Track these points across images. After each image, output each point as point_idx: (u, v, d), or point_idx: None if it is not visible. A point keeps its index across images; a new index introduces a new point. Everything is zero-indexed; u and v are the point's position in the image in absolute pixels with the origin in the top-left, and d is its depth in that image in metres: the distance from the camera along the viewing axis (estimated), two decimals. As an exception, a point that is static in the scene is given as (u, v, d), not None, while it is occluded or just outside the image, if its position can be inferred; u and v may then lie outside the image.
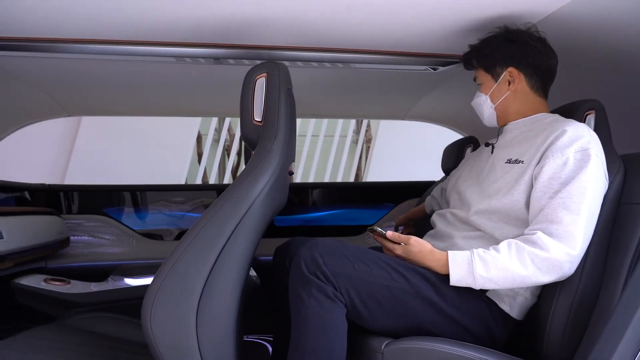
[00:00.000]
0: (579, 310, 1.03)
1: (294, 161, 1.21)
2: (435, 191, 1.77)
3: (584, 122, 1.25)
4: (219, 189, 3.26)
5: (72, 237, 2.08)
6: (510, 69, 1.23)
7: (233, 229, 0.98)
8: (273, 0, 1.11)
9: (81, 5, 1.13)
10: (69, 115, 2.20)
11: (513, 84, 1.23)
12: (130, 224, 2.21)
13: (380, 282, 1.07)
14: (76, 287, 1.57)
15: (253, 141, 1.12)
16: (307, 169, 4.87)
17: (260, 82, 1.11)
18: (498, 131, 1.34)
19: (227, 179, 4.18)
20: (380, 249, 1.27)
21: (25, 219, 1.70)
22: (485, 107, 1.29)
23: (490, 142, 1.35)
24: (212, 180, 4.23)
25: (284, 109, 1.11)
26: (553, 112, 1.31)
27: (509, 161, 1.21)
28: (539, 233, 1.06)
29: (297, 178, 4.76)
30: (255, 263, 2.06)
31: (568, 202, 1.06)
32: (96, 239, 2.14)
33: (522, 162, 1.17)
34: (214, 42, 1.38)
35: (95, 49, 1.38)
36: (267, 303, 1.44)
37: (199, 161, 4.16)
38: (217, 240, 0.96)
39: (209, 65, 1.50)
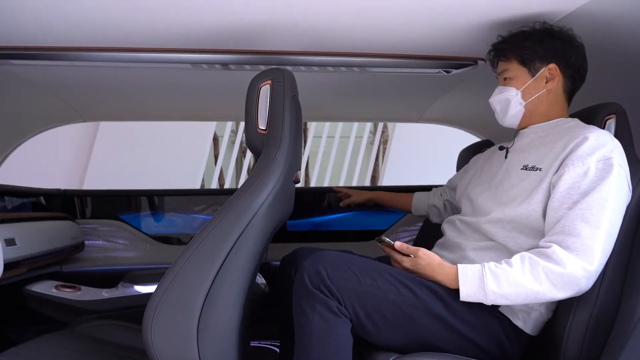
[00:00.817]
0: (597, 326, 0.98)
1: (300, 169, 1.18)
2: (434, 198, 1.71)
3: (604, 127, 1.19)
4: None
5: (87, 242, 2.10)
6: (552, 65, 1.16)
7: (235, 241, 0.96)
8: (284, 6, 1.10)
9: (95, 15, 1.15)
10: (84, 121, 2.23)
11: (551, 82, 1.17)
12: (144, 228, 2.23)
13: (387, 296, 1.03)
14: (87, 293, 1.57)
15: (257, 149, 1.10)
16: (322, 171, 4.84)
17: (265, 90, 1.09)
18: (514, 134, 1.28)
19: (244, 180, 4.20)
20: (389, 259, 1.24)
21: (38, 224, 1.72)
22: (514, 103, 1.19)
23: (504, 145, 1.29)
24: (229, 181, 4.24)
25: (289, 116, 1.09)
26: (571, 116, 1.26)
27: (525, 167, 1.15)
28: (555, 246, 1.01)
29: (313, 180, 4.74)
30: (266, 268, 2.05)
31: (587, 214, 1.00)
32: (110, 243, 2.16)
33: (540, 169, 1.12)
34: (227, 49, 1.37)
35: (110, 56, 1.39)
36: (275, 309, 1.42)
37: (216, 163, 4.18)
38: (218, 252, 0.95)
39: (224, 71, 1.50)
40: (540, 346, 1.09)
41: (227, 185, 4.17)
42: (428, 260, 1.09)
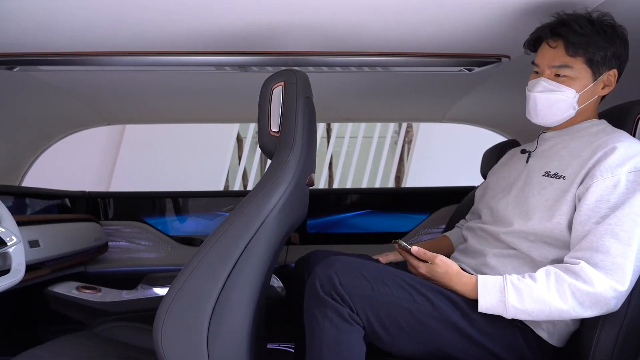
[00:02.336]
0: (626, 342, 0.92)
1: (314, 172, 1.16)
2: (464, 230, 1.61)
3: (636, 126, 1.13)
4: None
5: (110, 243, 2.14)
6: (613, 72, 1.07)
7: (245, 245, 0.95)
8: (302, 6, 1.08)
9: (118, 21, 1.17)
10: (108, 124, 2.27)
11: (608, 88, 1.09)
12: (166, 230, 2.25)
13: (401, 304, 1.00)
14: (106, 295, 1.59)
15: (270, 152, 1.08)
16: (345, 171, 4.81)
17: (277, 91, 1.07)
18: (538, 136, 1.21)
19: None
20: (406, 264, 1.20)
21: (62, 226, 1.75)
22: (567, 106, 1.07)
23: (527, 148, 1.22)
24: (252, 181, 4.25)
25: (302, 118, 1.07)
26: (600, 115, 1.19)
27: (547, 174, 1.09)
28: (583, 263, 0.95)
29: (336, 181, 4.71)
30: (285, 270, 2.04)
31: (617, 229, 0.94)
32: (133, 244, 2.19)
33: (564, 177, 1.05)
34: (248, 51, 1.37)
35: (132, 60, 1.42)
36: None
37: (239, 164, 4.20)
38: (229, 257, 0.93)
39: (244, 73, 1.49)
40: (567, 358, 1.04)
41: (250, 186, 4.19)
42: (445, 268, 1.05)
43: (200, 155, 3.72)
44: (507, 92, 1.78)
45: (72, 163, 2.71)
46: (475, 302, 1.01)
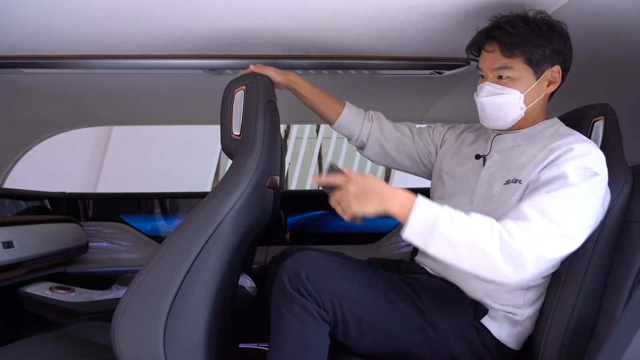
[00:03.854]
0: (574, 335, 0.95)
1: (277, 175, 1.18)
2: (379, 130, 1.39)
3: (592, 129, 1.15)
4: None
5: (91, 243, 2.15)
6: (556, 67, 1.06)
7: (202, 246, 0.96)
8: (271, 10, 1.10)
9: (101, 24, 1.18)
10: (90, 126, 2.28)
11: (553, 85, 1.08)
12: (147, 230, 2.26)
13: (365, 301, 1.01)
14: (80, 295, 1.61)
15: (232, 154, 1.10)
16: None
17: (239, 95, 1.09)
18: (491, 140, 1.19)
19: None
20: (380, 262, 1.20)
21: (39, 227, 1.76)
22: (514, 108, 1.07)
23: (480, 153, 1.19)
24: None
25: (263, 122, 1.09)
26: (559, 119, 1.21)
27: (508, 182, 1.08)
28: (509, 222, 0.96)
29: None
30: (262, 271, 2.05)
31: (548, 207, 0.96)
32: (114, 245, 2.20)
33: (520, 181, 1.06)
34: (223, 54, 1.38)
35: (116, 63, 1.43)
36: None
37: (227, 165, 4.21)
38: (185, 257, 0.95)
39: (223, 77, 1.50)
40: (518, 356, 1.06)
41: None
42: (376, 180, 0.98)
43: (188, 156, 3.73)
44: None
45: (57, 165, 2.71)
46: (437, 304, 1.02)
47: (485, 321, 1.06)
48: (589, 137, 1.14)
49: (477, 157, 1.20)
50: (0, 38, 1.26)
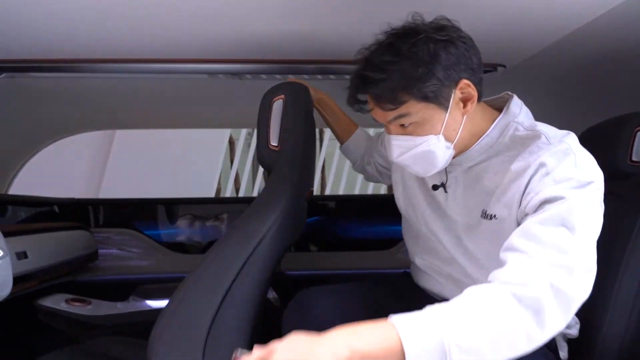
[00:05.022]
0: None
1: (312, 187, 1.14)
2: (371, 158, 1.32)
3: (634, 139, 1.10)
4: (249, 201, 3.25)
5: (100, 250, 2.09)
6: (463, 83, 0.85)
7: (247, 257, 0.91)
8: (295, 15, 1.04)
9: (109, 27, 1.14)
10: (97, 130, 2.23)
11: (470, 101, 0.87)
12: (157, 236, 2.21)
13: None
14: (97, 307, 1.55)
15: (269, 166, 1.05)
16: (338, 175, 4.78)
17: (278, 105, 1.05)
18: (445, 170, 1.00)
19: (260, 181, 4.10)
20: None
21: (51, 235, 1.71)
22: (439, 152, 0.88)
23: (436, 183, 1.01)
24: (244, 185, 4.19)
25: (302, 132, 1.05)
26: (591, 129, 1.17)
27: (485, 215, 0.91)
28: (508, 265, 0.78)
29: (328, 186, 4.66)
30: (280, 278, 2.01)
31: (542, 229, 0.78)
32: (124, 251, 2.14)
33: (495, 216, 0.89)
34: (243, 58, 1.34)
35: (126, 67, 1.39)
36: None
37: (231, 167, 4.14)
38: (225, 277, 0.90)
39: (237, 80, 1.47)
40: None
41: (242, 189, 4.12)
42: (306, 342, 0.70)
43: (191, 159, 3.66)
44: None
45: (59, 169, 2.63)
46: None
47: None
48: (632, 148, 1.10)
49: (435, 187, 1.01)
50: (7, 42, 1.22)
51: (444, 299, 0.88)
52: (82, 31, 1.15)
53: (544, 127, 0.90)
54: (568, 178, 0.80)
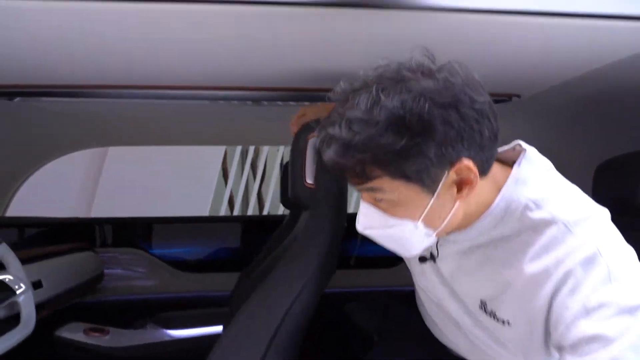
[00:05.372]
0: None
1: (345, 224, 1.14)
2: None
3: None
4: (251, 219, 3.24)
5: (106, 270, 2.06)
6: (462, 165, 0.65)
7: (285, 312, 0.90)
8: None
9: (124, 56, 1.11)
10: (99, 146, 2.20)
11: (469, 186, 0.67)
12: (163, 255, 2.19)
13: None
14: (116, 338, 1.53)
15: (304, 204, 1.06)
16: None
17: (313, 142, 1.05)
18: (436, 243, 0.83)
19: (254, 196, 4.07)
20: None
21: (61, 260, 1.68)
22: (416, 239, 0.71)
23: (424, 256, 0.84)
24: (239, 201, 4.12)
25: (339, 171, 1.05)
26: (609, 163, 1.18)
27: (487, 310, 0.75)
28: None
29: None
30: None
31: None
32: (129, 271, 2.12)
33: (509, 322, 0.73)
34: (234, 86, 1.32)
35: (134, 93, 1.38)
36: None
37: (226, 184, 4.07)
38: (269, 324, 0.89)
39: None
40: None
41: (237, 205, 4.06)
42: None
43: (184, 177, 3.59)
44: (517, 131, 1.79)
45: (49, 188, 2.54)
46: None
47: None
48: None
49: (423, 259, 0.85)
50: (20, 69, 1.22)
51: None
52: (97, 60, 1.14)
53: (560, 205, 0.69)
54: (603, 304, 0.61)
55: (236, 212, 3.98)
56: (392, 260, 2.24)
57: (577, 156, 1.31)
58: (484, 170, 0.69)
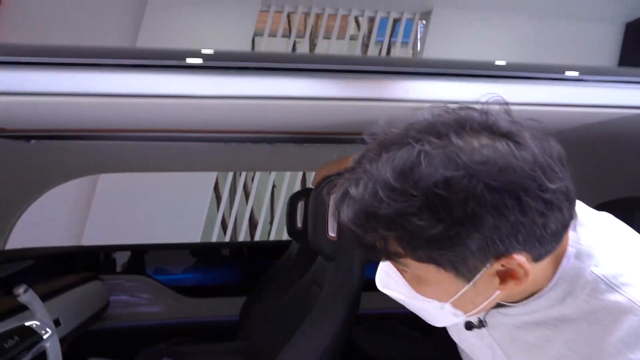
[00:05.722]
0: None
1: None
2: None
3: None
4: (249, 246, 3.28)
5: (111, 297, 2.09)
6: (511, 259, 0.54)
7: (327, 344, 0.97)
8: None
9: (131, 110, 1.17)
10: (95, 174, 2.22)
11: (516, 280, 0.56)
12: (168, 282, 2.23)
13: None
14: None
15: (327, 255, 1.13)
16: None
17: (335, 197, 1.12)
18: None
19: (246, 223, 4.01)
20: None
21: (72, 294, 1.70)
22: (442, 317, 0.63)
23: (471, 321, 0.71)
24: (231, 221, 4.08)
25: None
26: (604, 205, 1.25)
27: None
28: None
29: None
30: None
31: None
32: (135, 298, 2.15)
33: None
34: (234, 129, 1.37)
35: (146, 136, 1.43)
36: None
37: (218, 209, 4.04)
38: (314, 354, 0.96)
39: None
40: None
41: (228, 231, 4.03)
42: None
43: (176, 203, 3.56)
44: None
45: (39, 217, 2.51)
46: None
47: None
48: None
49: (469, 326, 0.72)
50: (37, 116, 1.27)
51: None
52: (96, 116, 1.20)
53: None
54: None
55: (228, 235, 3.98)
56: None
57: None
58: (538, 260, 0.57)
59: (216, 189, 3.98)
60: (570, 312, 0.60)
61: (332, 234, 1.12)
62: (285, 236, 3.80)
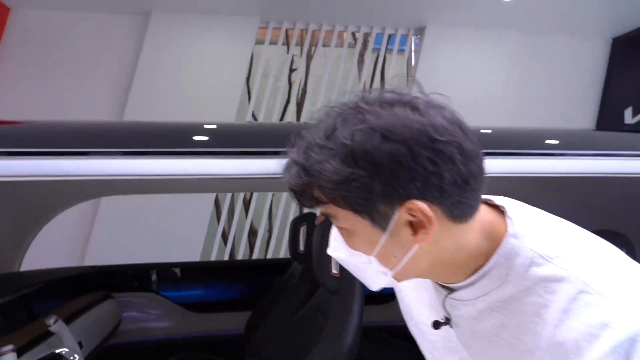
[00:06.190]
0: None
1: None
2: None
3: None
4: (250, 264, 3.36)
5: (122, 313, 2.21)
6: (413, 205, 0.60)
7: None
8: None
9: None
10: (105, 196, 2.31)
11: (424, 230, 0.62)
12: (176, 298, 2.35)
13: None
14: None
15: (331, 290, 1.25)
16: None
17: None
18: (442, 301, 0.75)
19: (244, 240, 4.12)
20: None
21: (91, 315, 1.82)
22: (371, 274, 0.69)
23: (438, 320, 0.75)
24: (232, 235, 4.18)
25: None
26: None
27: None
28: None
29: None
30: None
31: None
32: (144, 314, 2.27)
33: None
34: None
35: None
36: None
37: (217, 215, 4.14)
38: None
39: None
40: None
41: (228, 246, 4.14)
42: None
43: (176, 222, 3.65)
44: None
45: (43, 240, 2.58)
46: None
47: None
48: None
49: (437, 325, 0.76)
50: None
51: None
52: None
53: (574, 255, 0.63)
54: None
55: (227, 251, 4.07)
56: (384, 297, 2.47)
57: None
58: (454, 216, 0.63)
59: (216, 202, 4.10)
60: (516, 291, 0.64)
61: (335, 271, 1.25)
62: (283, 247, 3.95)
